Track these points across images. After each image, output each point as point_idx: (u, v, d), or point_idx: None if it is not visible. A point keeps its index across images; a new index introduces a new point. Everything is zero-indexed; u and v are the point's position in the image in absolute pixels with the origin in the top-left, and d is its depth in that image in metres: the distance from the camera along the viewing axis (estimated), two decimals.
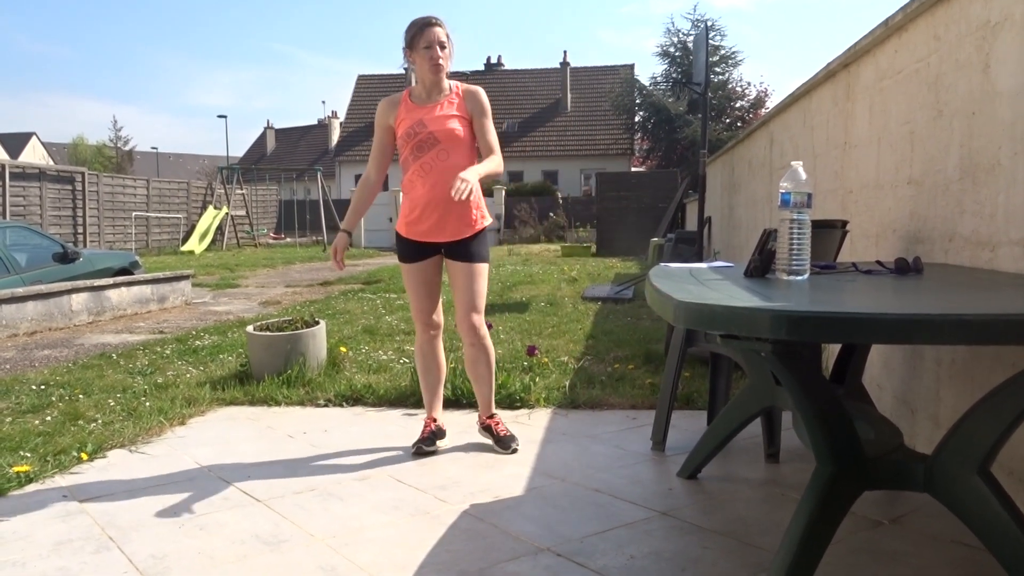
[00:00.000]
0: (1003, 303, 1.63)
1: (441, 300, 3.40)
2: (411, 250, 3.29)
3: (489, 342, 3.35)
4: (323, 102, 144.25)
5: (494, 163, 3.17)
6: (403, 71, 37.71)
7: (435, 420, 3.44)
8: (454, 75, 3.28)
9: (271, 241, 26.13)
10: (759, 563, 2.24)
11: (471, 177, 2.92)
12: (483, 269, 3.28)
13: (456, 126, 3.18)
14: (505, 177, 31.80)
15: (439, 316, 3.40)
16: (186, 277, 9.50)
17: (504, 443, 3.32)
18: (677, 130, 25.75)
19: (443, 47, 3.15)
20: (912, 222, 3.10)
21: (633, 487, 2.88)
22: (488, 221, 3.32)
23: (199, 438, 3.63)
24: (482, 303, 3.29)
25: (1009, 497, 1.81)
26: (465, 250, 3.23)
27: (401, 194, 3.34)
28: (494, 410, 3.46)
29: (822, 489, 1.87)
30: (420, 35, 3.13)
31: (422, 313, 3.35)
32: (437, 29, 3.14)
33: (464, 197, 2.84)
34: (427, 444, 3.33)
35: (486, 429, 3.41)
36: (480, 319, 3.28)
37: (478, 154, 3.25)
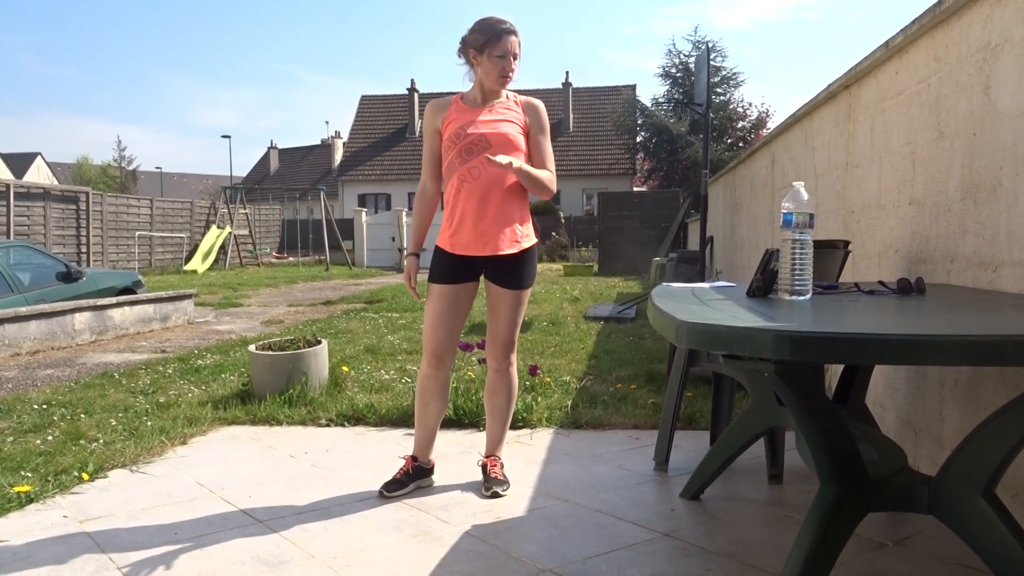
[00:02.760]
0: (1006, 324, 1.63)
1: (459, 333, 3.10)
2: (447, 269, 2.97)
3: (515, 374, 3.14)
4: (327, 122, 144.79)
5: (546, 175, 2.95)
6: (406, 92, 37.95)
7: (416, 460, 3.13)
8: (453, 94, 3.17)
9: (274, 260, 26.17)
10: None
11: (520, 163, 2.79)
12: (527, 296, 3.04)
13: (511, 131, 2.92)
14: None
15: (452, 351, 3.09)
16: (189, 296, 9.51)
17: (489, 483, 3.04)
18: (679, 150, 25.83)
19: (516, 58, 2.92)
20: (914, 242, 3.10)
21: (636, 508, 2.87)
22: (534, 240, 3.05)
23: (200, 458, 3.61)
24: (518, 332, 3.08)
25: (1014, 519, 1.80)
26: (514, 274, 2.97)
27: (436, 204, 3.09)
28: (499, 452, 3.19)
29: (826, 511, 1.86)
30: (496, 42, 2.86)
31: (435, 345, 3.00)
32: (515, 39, 2.90)
33: (502, 163, 2.70)
34: (392, 488, 3.02)
35: (483, 468, 3.15)
36: (514, 347, 3.08)
37: None
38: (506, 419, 3.18)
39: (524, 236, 3.00)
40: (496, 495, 3.01)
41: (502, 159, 2.73)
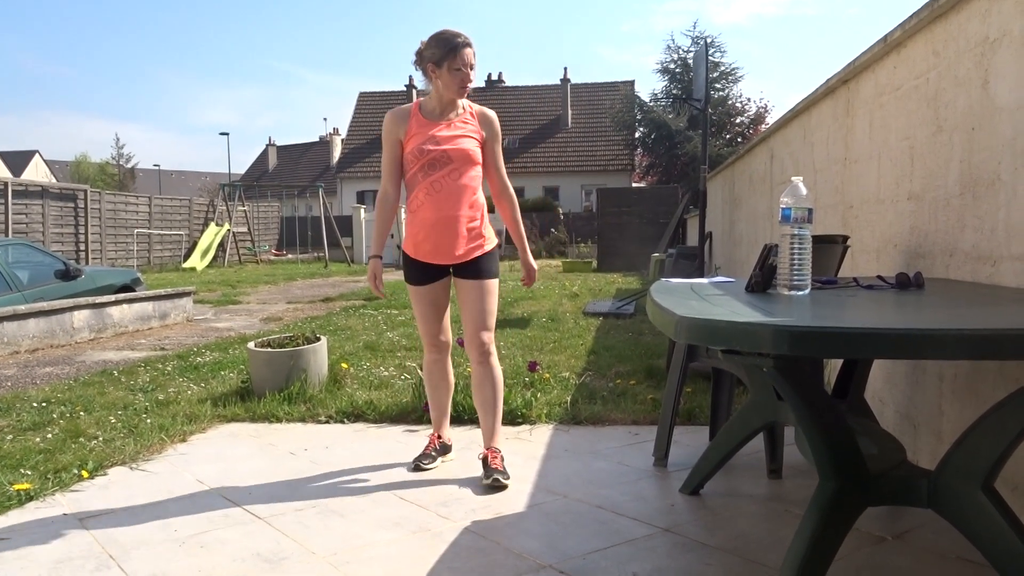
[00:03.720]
0: (1005, 318, 1.63)
1: (448, 319, 3.35)
2: (418, 272, 3.21)
3: (497, 363, 3.23)
4: (324, 119, 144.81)
5: (516, 205, 3.32)
6: (404, 88, 37.90)
7: (440, 437, 3.44)
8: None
9: (273, 258, 26.16)
10: None
11: (532, 264, 3.37)
12: (493, 285, 3.20)
13: (470, 146, 3.12)
14: None
15: (447, 336, 3.34)
16: (188, 294, 9.50)
17: (489, 472, 3.09)
18: (677, 146, 25.84)
19: (472, 68, 3.08)
20: (913, 237, 3.10)
21: (635, 503, 2.87)
22: (495, 243, 3.26)
23: (200, 455, 3.62)
24: (492, 321, 3.21)
25: (1013, 513, 1.81)
26: (475, 267, 3.17)
27: (404, 212, 3.28)
28: (496, 443, 3.23)
29: (825, 505, 1.86)
30: (453, 55, 3.02)
31: (430, 336, 3.31)
32: (470, 50, 3.06)
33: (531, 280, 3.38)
34: (425, 461, 3.32)
35: (483, 460, 3.20)
36: (490, 337, 3.18)
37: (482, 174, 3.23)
38: (496, 410, 3.24)
39: (487, 240, 3.22)
40: (497, 484, 3.06)
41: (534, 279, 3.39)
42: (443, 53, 3.04)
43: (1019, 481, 2.31)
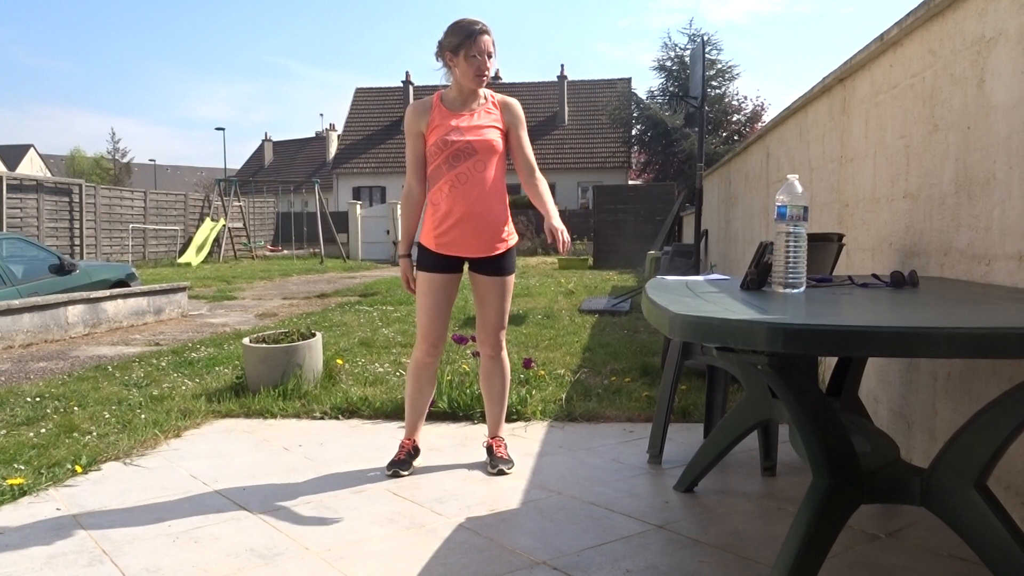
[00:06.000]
0: (999, 316, 1.63)
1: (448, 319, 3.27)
2: (435, 261, 3.13)
3: (507, 359, 3.31)
4: (321, 115, 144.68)
5: (546, 184, 3.16)
6: (401, 84, 37.86)
7: (413, 441, 3.32)
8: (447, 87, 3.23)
9: (268, 253, 26.12)
10: None
11: (560, 223, 3.00)
12: (512, 282, 3.22)
13: (494, 137, 3.08)
14: None
15: (445, 340, 3.25)
16: (183, 289, 9.49)
17: (495, 462, 3.22)
18: (674, 143, 25.84)
19: (490, 56, 3.03)
20: (908, 236, 3.11)
21: (629, 500, 2.87)
22: (516, 239, 3.23)
23: (194, 450, 3.61)
24: (507, 318, 3.25)
25: (1006, 511, 1.81)
26: (497, 264, 3.14)
27: (422, 205, 3.21)
28: (501, 432, 3.37)
29: (818, 502, 1.86)
30: (470, 42, 2.98)
31: (431, 334, 3.17)
32: (488, 38, 3.01)
33: (567, 241, 2.94)
34: (403, 467, 3.22)
35: (488, 448, 3.34)
36: (504, 334, 3.26)
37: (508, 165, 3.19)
38: (504, 400, 3.37)
39: (509, 235, 3.19)
40: (502, 473, 3.18)
41: (566, 240, 2.96)
42: (460, 40, 3.00)
43: (1012, 479, 2.32)
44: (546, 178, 3.20)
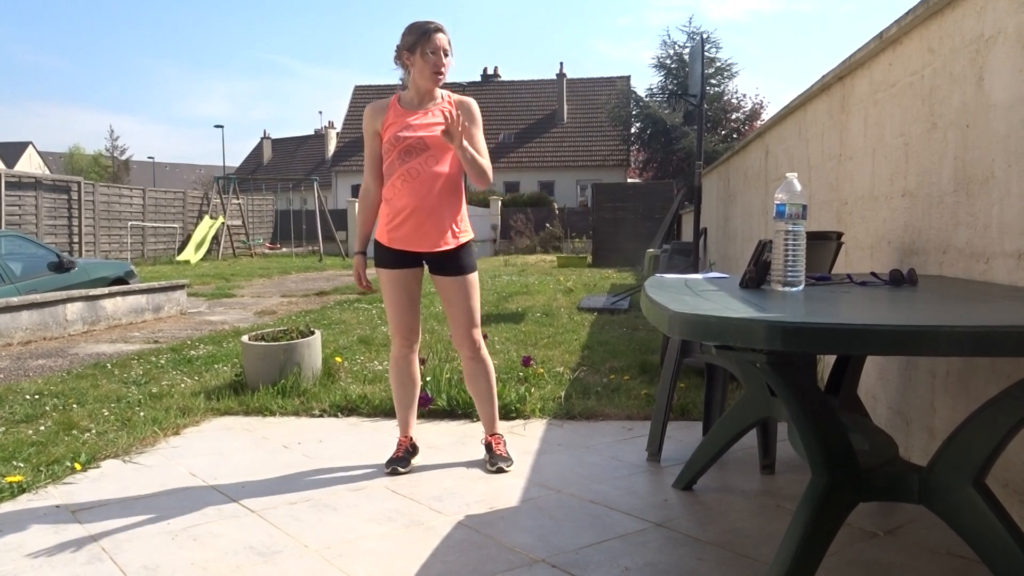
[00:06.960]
0: (998, 315, 1.63)
1: (419, 310, 3.29)
2: (391, 257, 3.16)
3: (487, 355, 3.30)
4: (320, 112, 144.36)
5: (485, 162, 3.08)
6: (399, 82, 37.84)
7: (410, 438, 3.32)
8: (451, 86, 3.24)
9: (267, 251, 26.11)
10: (754, 575, 2.23)
11: (467, 146, 2.95)
12: (475, 279, 3.20)
13: None
14: (501, 188, 31.85)
15: (419, 329, 3.29)
16: (181, 287, 9.48)
17: (494, 460, 3.22)
18: (673, 141, 25.83)
19: (446, 55, 3.06)
20: (907, 234, 3.11)
21: (628, 498, 2.88)
22: (471, 235, 3.23)
23: (193, 448, 3.61)
24: (479, 316, 3.23)
25: (1004, 509, 1.82)
26: (454, 263, 3.14)
27: (379, 203, 3.22)
28: (497, 429, 3.36)
29: (817, 500, 1.86)
30: (425, 40, 3.01)
31: (402, 326, 3.22)
32: (443, 36, 3.04)
33: (455, 122, 2.85)
34: (402, 464, 3.22)
35: (487, 446, 3.33)
36: (478, 332, 3.22)
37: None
38: (493, 398, 3.34)
39: (462, 232, 3.18)
40: (501, 471, 3.17)
41: (456, 120, 2.88)
42: (416, 39, 3.03)
43: (1010, 477, 2.32)
44: (545, 176, 3.20)
